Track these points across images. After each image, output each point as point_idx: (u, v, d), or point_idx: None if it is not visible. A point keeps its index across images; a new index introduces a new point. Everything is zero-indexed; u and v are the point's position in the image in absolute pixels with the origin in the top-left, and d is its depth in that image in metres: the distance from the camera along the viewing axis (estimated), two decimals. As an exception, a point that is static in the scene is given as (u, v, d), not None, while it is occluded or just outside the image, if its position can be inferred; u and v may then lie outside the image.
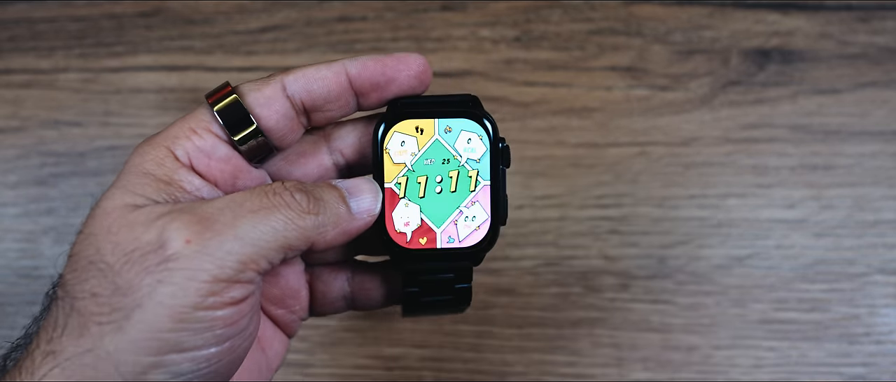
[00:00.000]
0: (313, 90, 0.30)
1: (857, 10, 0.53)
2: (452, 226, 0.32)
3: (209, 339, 0.26)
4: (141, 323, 0.25)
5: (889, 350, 0.50)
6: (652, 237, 0.51)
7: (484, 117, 0.32)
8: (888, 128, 0.52)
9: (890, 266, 0.51)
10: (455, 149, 0.32)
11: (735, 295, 0.50)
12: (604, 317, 0.51)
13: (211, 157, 0.29)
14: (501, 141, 0.32)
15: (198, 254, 0.25)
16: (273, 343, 0.34)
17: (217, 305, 0.26)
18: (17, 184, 0.53)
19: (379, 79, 0.31)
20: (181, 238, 0.25)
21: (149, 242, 0.25)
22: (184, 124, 0.29)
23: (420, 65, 0.31)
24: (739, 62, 0.53)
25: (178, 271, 0.25)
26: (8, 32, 0.54)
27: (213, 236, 0.26)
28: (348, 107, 0.31)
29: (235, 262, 0.26)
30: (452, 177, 0.32)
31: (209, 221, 0.26)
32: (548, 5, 0.54)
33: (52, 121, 0.53)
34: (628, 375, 0.50)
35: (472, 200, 0.32)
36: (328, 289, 0.35)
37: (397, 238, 0.32)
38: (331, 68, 0.30)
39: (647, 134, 0.52)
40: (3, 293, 0.52)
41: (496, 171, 0.32)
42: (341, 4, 0.54)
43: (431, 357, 0.51)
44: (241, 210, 0.26)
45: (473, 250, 0.32)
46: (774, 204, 0.51)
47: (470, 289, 0.34)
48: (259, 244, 0.26)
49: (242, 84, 0.30)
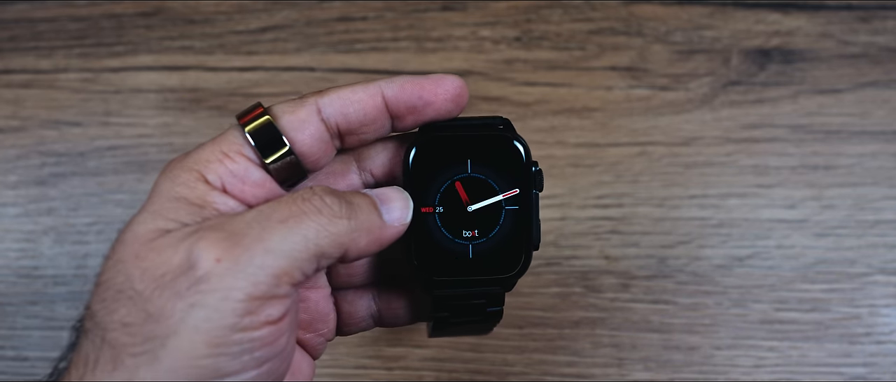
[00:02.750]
0: (349, 113, 0.29)
1: (857, 9, 0.53)
2: None
3: (248, 363, 0.25)
4: (177, 351, 0.24)
5: (890, 350, 0.50)
6: (652, 237, 0.51)
7: (516, 140, 0.31)
8: (889, 128, 0.52)
9: (890, 266, 0.50)
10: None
11: (736, 295, 0.50)
12: (604, 317, 0.51)
13: (245, 182, 0.28)
14: (534, 165, 0.31)
15: (229, 272, 0.24)
16: (302, 367, 0.33)
17: (254, 325, 0.25)
18: (17, 183, 0.53)
19: (416, 103, 0.30)
20: (211, 256, 0.24)
21: (178, 265, 0.24)
22: (215, 147, 0.28)
23: (458, 88, 0.30)
24: (740, 62, 0.53)
25: (210, 293, 0.24)
26: (8, 32, 0.54)
27: (243, 251, 0.25)
28: (383, 131, 0.31)
29: (269, 276, 0.25)
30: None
31: (238, 236, 0.25)
32: (548, 5, 0.54)
33: (52, 121, 0.53)
34: (629, 375, 0.50)
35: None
36: (354, 309, 0.34)
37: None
38: (367, 90, 0.29)
39: (647, 134, 0.52)
40: (3, 293, 0.52)
41: (528, 195, 0.31)
42: (341, 4, 0.54)
43: (432, 357, 0.51)
44: (270, 221, 0.26)
45: (506, 276, 0.32)
46: (775, 204, 0.51)
47: (501, 312, 0.33)
48: (292, 255, 0.25)
49: (275, 105, 0.29)
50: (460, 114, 0.31)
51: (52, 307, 0.51)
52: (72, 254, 0.52)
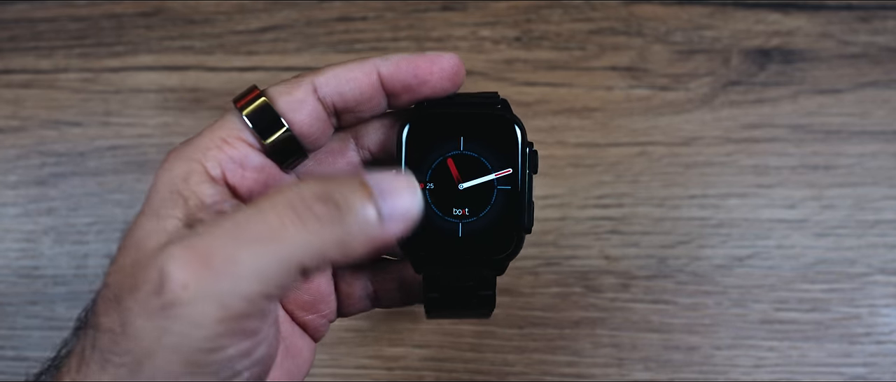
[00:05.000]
0: (345, 92, 0.29)
1: (857, 9, 0.53)
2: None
3: (229, 376, 0.24)
4: (154, 370, 0.23)
5: (890, 350, 0.50)
6: (652, 237, 0.51)
7: (513, 121, 0.31)
8: (889, 128, 0.52)
9: (891, 266, 0.50)
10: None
11: (735, 295, 0.50)
12: (604, 317, 0.51)
13: (245, 168, 0.28)
14: (529, 145, 0.31)
15: (197, 298, 0.23)
16: (302, 351, 0.33)
17: (231, 343, 0.24)
18: (18, 183, 0.53)
19: (411, 81, 0.29)
20: (179, 282, 0.23)
21: (150, 280, 0.24)
22: (213, 134, 0.28)
23: (453, 65, 0.30)
24: (740, 62, 0.53)
25: (178, 318, 0.23)
26: (8, 32, 0.54)
27: (211, 276, 0.23)
28: (379, 108, 0.30)
29: (240, 299, 0.23)
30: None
31: (207, 257, 0.23)
32: (548, 5, 0.54)
33: (52, 121, 0.53)
34: (629, 375, 0.50)
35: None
36: (352, 290, 0.33)
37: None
38: (362, 68, 0.29)
39: (647, 134, 0.52)
40: (3, 293, 0.52)
41: (522, 176, 0.31)
42: (341, 4, 0.54)
43: (432, 357, 0.50)
44: (243, 238, 0.23)
45: (496, 258, 0.31)
46: (775, 204, 0.51)
47: (493, 297, 0.33)
48: (265, 276, 0.23)
49: (271, 87, 0.29)
50: (459, 91, 0.31)
51: (52, 307, 0.51)
52: (72, 254, 0.52)
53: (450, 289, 0.32)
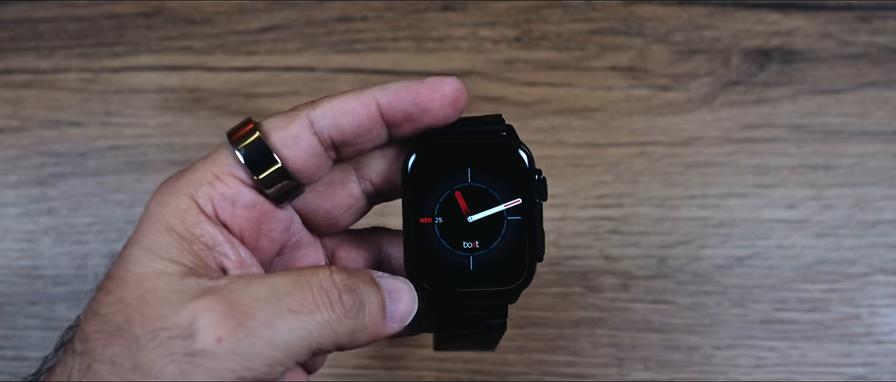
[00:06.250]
0: (342, 125, 0.28)
1: (857, 9, 0.53)
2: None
3: None
4: None
5: (889, 350, 0.50)
6: (652, 237, 0.51)
7: (519, 148, 0.30)
8: (889, 128, 0.52)
9: (890, 266, 0.50)
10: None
11: (735, 295, 0.50)
12: (604, 317, 0.51)
13: (236, 205, 0.27)
14: (538, 173, 0.30)
15: (228, 354, 0.24)
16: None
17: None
18: (18, 183, 0.53)
19: (411, 110, 0.28)
20: (213, 334, 0.24)
21: (178, 325, 0.24)
22: (206, 169, 0.27)
23: (455, 91, 0.29)
24: (740, 62, 0.53)
25: (203, 368, 0.24)
26: (8, 32, 0.54)
27: (247, 336, 0.24)
28: (380, 140, 0.29)
29: (263, 364, 0.25)
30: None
31: (244, 317, 0.25)
32: (548, 5, 0.54)
33: (52, 121, 0.53)
34: (629, 375, 0.50)
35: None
36: None
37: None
38: (360, 100, 0.28)
39: (647, 134, 0.52)
40: (3, 293, 0.52)
41: (531, 205, 0.30)
42: (341, 4, 0.54)
43: (432, 356, 0.51)
44: (281, 306, 0.25)
45: (509, 288, 0.31)
46: (775, 204, 0.51)
47: (504, 325, 0.32)
48: (290, 348, 0.25)
49: (266, 120, 0.28)
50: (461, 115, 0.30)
51: (52, 307, 0.51)
52: (72, 254, 0.52)
53: (460, 320, 0.32)
